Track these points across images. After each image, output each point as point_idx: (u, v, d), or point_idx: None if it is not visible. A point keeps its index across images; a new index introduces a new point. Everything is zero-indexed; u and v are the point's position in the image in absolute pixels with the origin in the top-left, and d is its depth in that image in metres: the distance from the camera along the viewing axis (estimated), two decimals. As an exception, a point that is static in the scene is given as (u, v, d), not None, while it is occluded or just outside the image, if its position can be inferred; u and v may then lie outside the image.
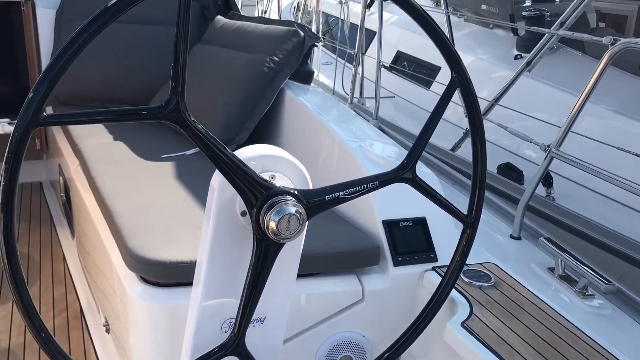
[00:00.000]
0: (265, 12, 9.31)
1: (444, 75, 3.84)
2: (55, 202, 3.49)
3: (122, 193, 1.95)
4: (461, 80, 1.13)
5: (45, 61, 3.34)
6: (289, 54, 2.48)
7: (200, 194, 2.00)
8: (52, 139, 3.27)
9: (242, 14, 3.24)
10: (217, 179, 1.08)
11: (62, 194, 2.98)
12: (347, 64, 4.45)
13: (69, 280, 2.67)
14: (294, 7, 9.68)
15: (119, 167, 2.20)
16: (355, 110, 3.71)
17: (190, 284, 1.57)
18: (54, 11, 3.26)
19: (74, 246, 2.76)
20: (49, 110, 3.11)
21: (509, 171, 2.98)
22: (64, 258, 2.86)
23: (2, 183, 1.02)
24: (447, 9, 3.46)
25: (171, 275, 1.58)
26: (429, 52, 4.25)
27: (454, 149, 3.18)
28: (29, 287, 1.05)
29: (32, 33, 3.36)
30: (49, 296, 2.54)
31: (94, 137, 2.54)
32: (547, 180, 2.67)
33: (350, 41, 4.44)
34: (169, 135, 2.61)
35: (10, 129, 4.31)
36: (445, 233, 1.87)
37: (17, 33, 4.62)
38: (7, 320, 2.37)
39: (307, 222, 1.04)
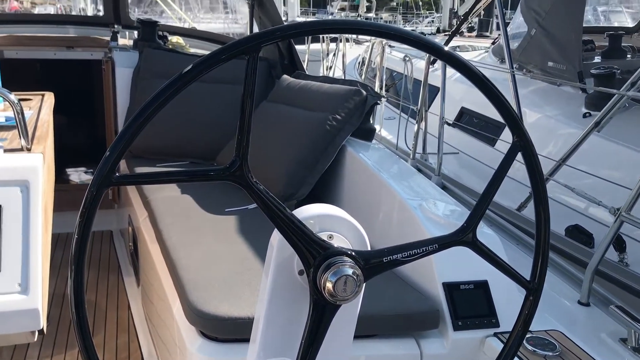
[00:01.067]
0: (330, 67, 9.54)
1: (510, 134, 3.77)
2: (123, 251, 3.61)
3: (187, 246, 2.01)
4: (523, 145, 1.12)
5: (121, 116, 3.53)
6: (351, 112, 2.53)
7: (260, 249, 2.03)
8: (123, 190, 3.42)
9: (307, 70, 3.34)
10: (276, 238, 1.10)
11: (130, 244, 3.10)
12: (410, 119, 4.47)
13: (132, 328, 2.73)
14: (359, 63, 9.88)
15: (185, 220, 2.27)
16: (417, 167, 3.70)
17: (248, 340, 1.59)
18: (132, 70, 3.47)
19: (139, 295, 2.83)
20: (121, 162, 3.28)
21: (578, 234, 2.87)
22: (129, 306, 2.94)
23: (75, 236, 1.07)
24: (513, 66, 3.44)
25: (230, 331, 1.60)
26: (494, 109, 4.20)
27: (519, 208, 3.10)
28: (94, 334, 1.09)
29: (111, 89, 3.58)
30: (113, 344, 2.61)
31: (162, 190, 2.65)
32: (619, 244, 2.55)
33: (413, 97, 4.48)
34: (232, 189, 2.68)
35: (85, 177, 4.55)
36: (508, 297, 1.82)
37: (96, 88, 4.93)
38: None
39: (364, 284, 1.04)
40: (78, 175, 4.56)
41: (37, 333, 1.45)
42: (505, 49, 3.58)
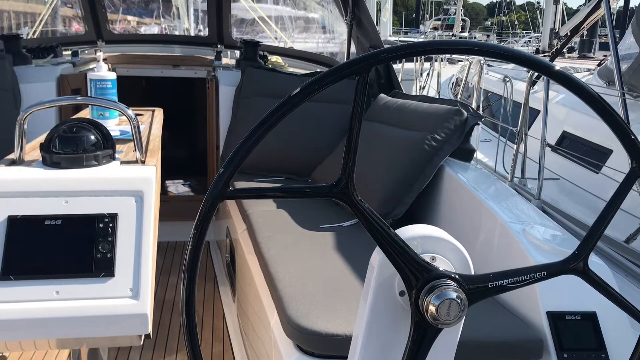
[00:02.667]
0: (424, 87, 9.47)
1: (617, 160, 3.59)
2: (219, 262, 3.73)
3: (284, 260, 2.05)
4: None
5: (223, 132, 3.67)
6: (451, 132, 2.50)
7: (357, 266, 2.03)
8: (223, 203, 3.54)
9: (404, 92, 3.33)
10: (378, 257, 1.10)
11: (227, 255, 3.19)
12: (508, 142, 4.35)
13: (227, 338, 2.81)
14: (452, 83, 9.75)
15: (282, 234, 2.31)
16: (516, 190, 3.58)
17: (344, 357, 1.58)
18: (234, 88, 3.61)
19: (234, 306, 2.91)
20: None
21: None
22: (224, 316, 3.03)
23: (190, 246, 1.13)
24: (623, 89, 3.27)
25: (327, 347, 1.60)
26: (599, 134, 4.02)
27: (628, 240, 2.92)
28: None
29: (214, 106, 3.73)
30: (208, 352, 2.69)
31: (260, 204, 2.72)
32: None
33: (512, 119, 4.36)
34: (328, 206, 2.72)
35: (183, 189, 4.76)
36: (619, 331, 1.71)
37: (198, 105, 5.15)
38: None
39: (467, 309, 1.02)
40: (176, 187, 4.77)
41: (143, 337, 1.53)
42: (615, 71, 3.41)
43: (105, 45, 4.87)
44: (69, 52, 4.32)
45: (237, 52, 4.99)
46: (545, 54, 8.52)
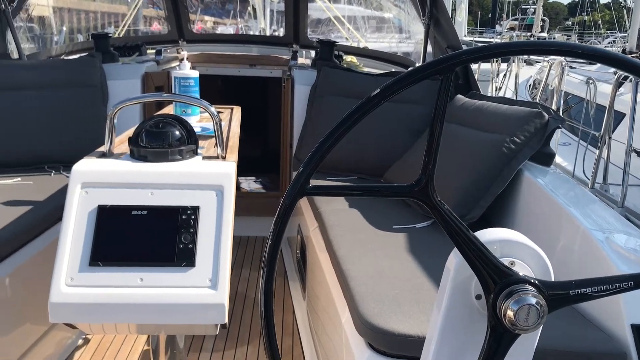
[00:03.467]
0: (500, 88, 9.23)
1: None
2: (289, 257, 3.79)
3: (356, 259, 2.06)
4: None
5: (297, 131, 3.72)
6: (531, 135, 2.43)
7: (429, 269, 2.02)
8: None
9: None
10: (455, 259, 1.09)
11: (297, 251, 3.24)
12: (589, 146, 4.17)
13: (296, 333, 2.85)
14: (529, 85, 9.43)
15: (354, 233, 2.33)
16: (597, 197, 3.44)
17: (415, 358, 1.58)
18: (309, 87, 3.65)
19: (304, 301, 2.95)
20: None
21: None
22: (294, 311, 3.07)
23: (269, 241, 1.15)
24: None
25: (398, 347, 1.60)
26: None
27: None
28: (261, 334, 1.14)
29: (289, 105, 3.79)
30: (279, 346, 2.73)
31: (333, 202, 2.74)
32: None
33: (594, 122, 4.18)
34: (400, 207, 2.71)
35: (255, 186, 4.86)
36: None
37: (272, 104, 5.24)
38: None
39: (546, 316, 0.99)
40: (248, 184, 4.87)
41: (219, 326, 1.57)
42: None
43: (186, 44, 5.04)
44: (153, 51, 4.50)
45: (312, 52, 5.04)
46: (634, 54, 8.10)
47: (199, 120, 2.44)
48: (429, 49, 3.86)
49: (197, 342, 2.73)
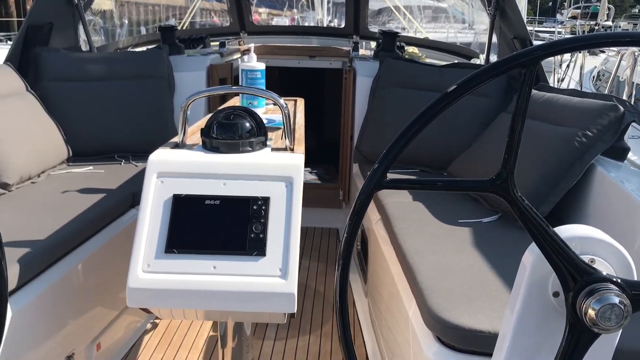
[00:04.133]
0: (562, 79, 8.94)
1: None
2: None
3: (423, 252, 2.04)
4: None
5: (358, 122, 3.72)
6: (605, 129, 2.35)
7: (498, 264, 1.98)
8: (354, 190, 3.60)
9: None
10: (532, 256, 1.07)
11: (358, 243, 3.24)
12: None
13: (357, 324, 2.86)
14: (594, 76, 9.09)
15: (419, 226, 2.31)
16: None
17: (486, 354, 1.56)
18: (371, 79, 3.63)
19: (364, 293, 2.95)
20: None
21: None
22: (354, 302, 3.08)
23: (345, 235, 1.16)
24: None
25: (468, 342, 1.59)
26: None
27: None
28: (323, 324, 1.16)
29: (350, 96, 3.78)
30: (328, 329, 2.76)
31: (396, 195, 2.73)
32: None
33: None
34: (465, 200, 2.67)
35: (310, 177, 4.88)
36: None
37: (331, 95, 5.24)
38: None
39: (630, 316, 0.96)
40: (304, 175, 4.89)
41: (287, 315, 1.60)
42: None
43: (247, 36, 5.11)
44: (216, 43, 4.58)
45: (372, 43, 5.01)
46: None
47: (264, 112, 2.48)
48: (494, 39, 3.78)
49: (260, 329, 2.78)
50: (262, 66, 2.42)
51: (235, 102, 2.66)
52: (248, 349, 1.88)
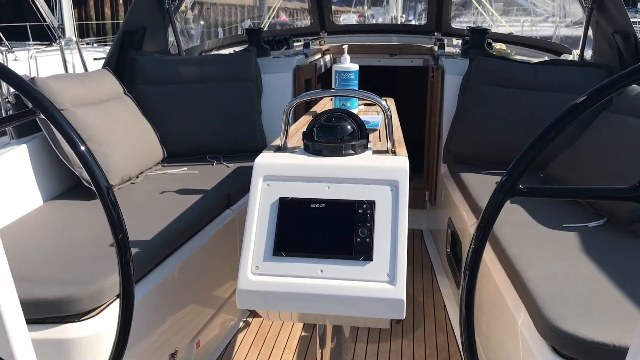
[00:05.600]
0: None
1: None
2: (435, 251, 3.72)
3: (530, 259, 1.96)
4: None
5: (446, 121, 3.63)
6: None
7: (612, 272, 1.87)
8: (443, 191, 3.52)
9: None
10: None
11: (447, 246, 3.17)
12: None
13: (450, 329, 2.79)
14: None
15: (522, 231, 2.22)
16: None
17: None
18: (460, 77, 3.54)
19: (455, 298, 2.88)
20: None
21: None
22: (444, 306, 3.01)
23: (472, 245, 1.12)
24: None
25: (588, 354, 1.51)
26: None
27: None
28: (414, 328, 1.10)
29: (438, 95, 3.70)
30: (433, 341, 2.70)
31: None
32: None
33: None
34: (567, 203, 2.55)
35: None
36: None
37: (409, 93, 5.15)
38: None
39: None
40: None
41: (393, 321, 1.57)
42: None
43: (327, 35, 5.11)
44: (298, 43, 4.61)
45: (454, 40, 4.90)
46: None
47: (357, 113, 2.45)
48: (589, 33, 3.60)
49: (353, 330, 2.77)
50: (355, 67, 2.40)
51: (324, 103, 2.65)
52: (347, 351, 1.87)
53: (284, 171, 1.59)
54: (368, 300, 1.46)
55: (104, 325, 1.76)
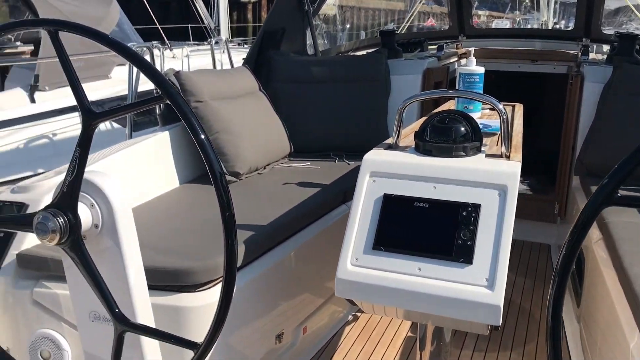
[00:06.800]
0: None
1: None
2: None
3: None
4: None
5: (583, 130, 3.43)
6: None
7: None
8: (573, 205, 3.34)
9: None
10: None
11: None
12: None
13: (565, 349, 2.65)
14: None
15: None
16: None
17: None
18: (601, 85, 3.32)
19: (575, 317, 2.73)
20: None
21: None
22: (563, 324, 2.86)
23: (564, 252, 1.09)
24: None
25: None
26: None
27: None
28: (527, 342, 1.06)
29: (575, 103, 3.51)
30: (543, 357, 2.58)
31: (624, 213, 2.47)
32: None
33: None
34: None
35: (522, 187, 4.61)
36: None
37: (549, 101, 4.90)
38: None
39: None
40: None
41: (490, 327, 1.54)
42: None
43: (466, 39, 5.02)
44: (433, 47, 4.58)
45: (604, 47, 4.59)
46: None
47: (479, 116, 2.42)
48: None
49: (459, 337, 2.73)
50: (481, 70, 2.37)
51: (450, 105, 2.64)
52: (446, 355, 1.86)
53: (390, 168, 1.63)
54: (465, 303, 1.45)
55: (216, 297, 1.91)
